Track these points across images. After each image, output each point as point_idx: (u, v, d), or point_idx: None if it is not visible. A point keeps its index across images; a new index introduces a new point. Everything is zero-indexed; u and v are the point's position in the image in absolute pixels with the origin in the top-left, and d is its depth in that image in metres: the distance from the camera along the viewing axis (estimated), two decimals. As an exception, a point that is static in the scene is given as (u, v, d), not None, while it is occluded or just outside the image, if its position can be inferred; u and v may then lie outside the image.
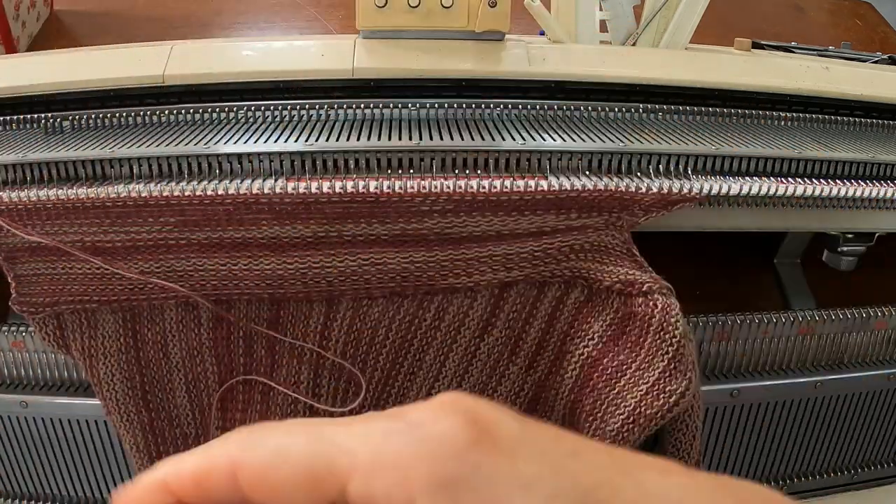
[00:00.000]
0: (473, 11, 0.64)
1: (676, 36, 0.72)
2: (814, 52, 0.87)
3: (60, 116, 0.62)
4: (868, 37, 1.23)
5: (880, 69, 0.78)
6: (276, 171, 0.55)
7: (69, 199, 0.51)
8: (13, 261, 0.55)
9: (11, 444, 0.65)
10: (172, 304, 0.57)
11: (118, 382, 0.58)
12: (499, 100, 0.65)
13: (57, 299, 0.56)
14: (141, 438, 0.60)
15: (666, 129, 0.63)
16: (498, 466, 0.18)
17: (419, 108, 0.64)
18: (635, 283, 0.53)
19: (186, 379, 0.59)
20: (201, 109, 0.62)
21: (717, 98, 0.69)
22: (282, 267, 0.55)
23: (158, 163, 0.54)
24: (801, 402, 0.71)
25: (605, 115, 0.65)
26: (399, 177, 0.53)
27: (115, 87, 0.63)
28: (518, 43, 0.67)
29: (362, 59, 0.64)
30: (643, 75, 0.67)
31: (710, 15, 0.73)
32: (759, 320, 0.68)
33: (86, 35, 1.14)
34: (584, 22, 0.72)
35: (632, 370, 0.53)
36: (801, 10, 1.27)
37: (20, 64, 0.67)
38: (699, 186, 0.55)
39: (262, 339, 0.59)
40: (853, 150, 0.62)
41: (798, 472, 0.75)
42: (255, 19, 1.13)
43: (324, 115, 0.63)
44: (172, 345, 0.58)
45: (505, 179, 0.53)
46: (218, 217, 0.52)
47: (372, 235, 0.54)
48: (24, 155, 0.54)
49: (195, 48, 0.66)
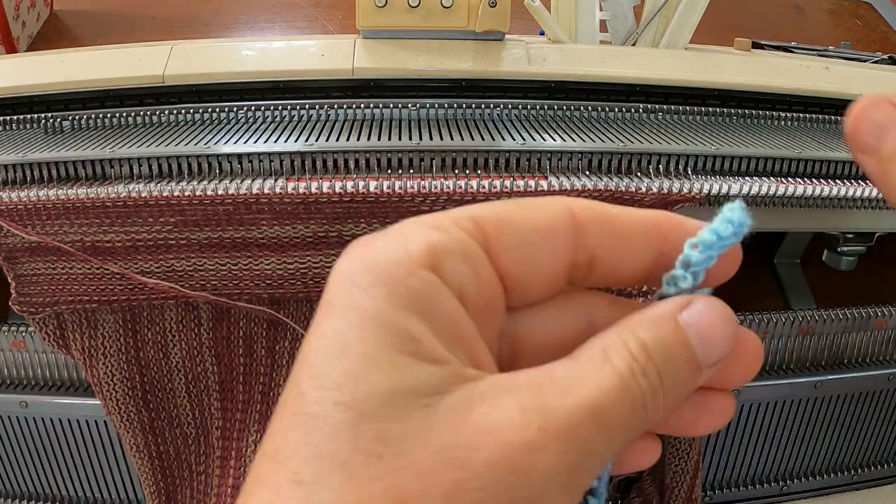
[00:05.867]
0: (473, 11, 0.64)
1: (676, 36, 0.72)
2: (814, 52, 0.87)
3: (60, 116, 0.62)
4: (868, 37, 1.23)
5: (880, 69, 0.78)
6: (276, 171, 0.55)
7: (69, 199, 0.51)
8: (13, 261, 0.55)
9: (11, 444, 0.65)
10: (172, 304, 0.57)
11: (118, 382, 0.58)
12: (499, 100, 0.65)
13: (57, 299, 0.56)
14: (141, 438, 0.60)
15: (666, 129, 0.63)
16: None
17: (419, 108, 0.64)
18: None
19: (186, 379, 0.59)
20: (201, 109, 0.62)
21: (716, 98, 0.69)
22: (282, 267, 0.55)
23: (158, 163, 0.54)
24: (801, 402, 0.71)
25: (605, 115, 0.65)
26: (399, 177, 0.53)
27: (115, 87, 0.63)
28: (518, 43, 0.67)
29: (362, 59, 0.64)
30: (643, 75, 0.67)
31: (710, 15, 0.73)
32: (759, 320, 0.68)
33: (86, 35, 1.14)
34: (584, 22, 0.72)
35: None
36: (801, 10, 1.27)
37: (20, 64, 0.67)
38: (699, 186, 0.55)
39: (262, 340, 0.59)
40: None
41: (798, 472, 0.75)
42: (255, 19, 1.13)
43: (324, 115, 0.63)
44: (172, 345, 0.58)
45: (505, 179, 0.53)
46: (218, 217, 0.52)
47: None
48: (24, 155, 0.54)
49: (195, 48, 0.66)
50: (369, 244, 0.18)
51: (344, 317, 0.17)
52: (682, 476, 0.64)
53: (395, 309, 0.17)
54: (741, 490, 0.73)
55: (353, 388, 0.16)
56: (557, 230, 0.19)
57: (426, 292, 0.17)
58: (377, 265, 0.17)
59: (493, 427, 0.16)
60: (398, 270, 0.17)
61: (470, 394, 0.17)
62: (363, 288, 0.17)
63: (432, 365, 0.17)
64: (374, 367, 0.16)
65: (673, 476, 0.64)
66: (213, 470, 0.61)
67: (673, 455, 0.63)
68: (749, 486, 0.74)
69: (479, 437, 0.16)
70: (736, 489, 0.73)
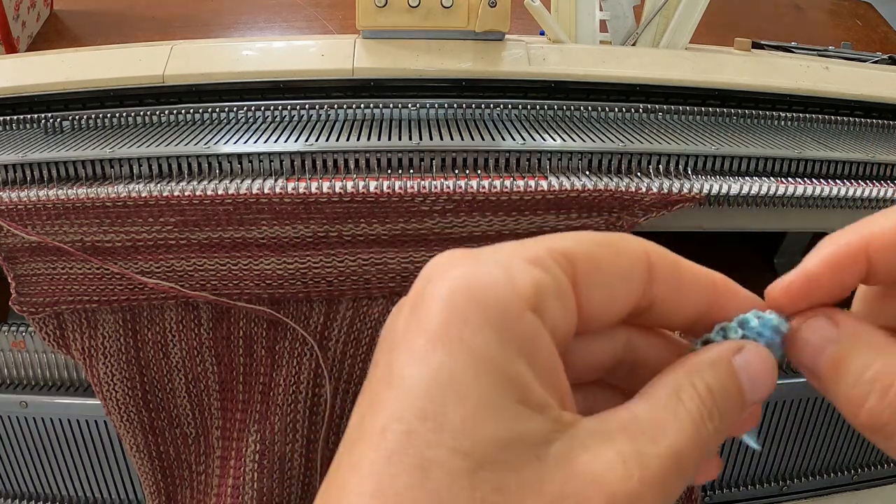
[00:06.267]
0: (473, 11, 0.64)
1: (676, 36, 0.72)
2: (814, 52, 0.87)
3: (60, 116, 0.62)
4: (868, 37, 1.23)
5: (880, 69, 0.78)
6: (275, 171, 0.55)
7: (69, 199, 0.51)
8: (13, 261, 0.55)
9: (11, 444, 0.65)
10: (172, 304, 0.57)
11: (118, 382, 0.58)
12: (499, 100, 0.65)
13: (57, 299, 0.56)
14: (141, 438, 0.60)
15: (666, 129, 0.63)
16: None
17: (419, 108, 0.64)
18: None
19: (186, 379, 0.59)
20: (201, 109, 0.62)
21: (717, 98, 0.69)
22: (282, 267, 0.55)
23: (158, 163, 0.54)
24: (801, 401, 0.71)
25: (605, 115, 0.65)
26: (399, 177, 0.53)
27: (115, 87, 0.63)
28: (518, 43, 0.67)
29: (362, 59, 0.64)
30: (643, 75, 0.67)
31: (710, 15, 0.73)
32: (759, 320, 0.68)
33: (86, 35, 1.14)
34: (584, 22, 0.72)
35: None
36: (801, 10, 1.27)
37: (20, 64, 0.67)
38: (699, 186, 0.55)
39: (262, 340, 0.58)
40: (853, 150, 0.62)
41: (798, 472, 0.75)
42: (255, 19, 1.13)
43: (324, 115, 0.63)
44: (172, 345, 0.58)
45: (505, 179, 0.53)
46: (218, 217, 0.52)
47: (372, 235, 0.54)
48: (24, 155, 0.54)
49: (195, 48, 0.66)
50: (472, 269, 0.18)
51: (456, 356, 0.17)
52: (682, 476, 0.64)
53: (506, 353, 0.17)
54: (741, 490, 0.73)
55: (472, 436, 0.16)
56: (636, 276, 0.20)
57: (532, 337, 0.18)
58: (488, 302, 0.17)
59: (599, 477, 0.17)
60: (509, 312, 0.17)
61: (573, 443, 0.17)
62: (476, 327, 0.17)
63: (540, 413, 0.17)
64: (492, 415, 0.16)
65: (673, 476, 0.64)
66: (213, 470, 0.61)
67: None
68: (749, 486, 0.74)
69: (586, 487, 0.16)
70: (736, 489, 0.73)
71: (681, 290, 0.21)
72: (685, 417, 0.18)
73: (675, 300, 0.21)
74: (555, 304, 0.18)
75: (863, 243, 0.21)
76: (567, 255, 0.19)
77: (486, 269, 0.18)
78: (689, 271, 0.21)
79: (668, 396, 0.19)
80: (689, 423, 0.18)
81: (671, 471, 0.18)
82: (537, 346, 0.18)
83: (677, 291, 0.21)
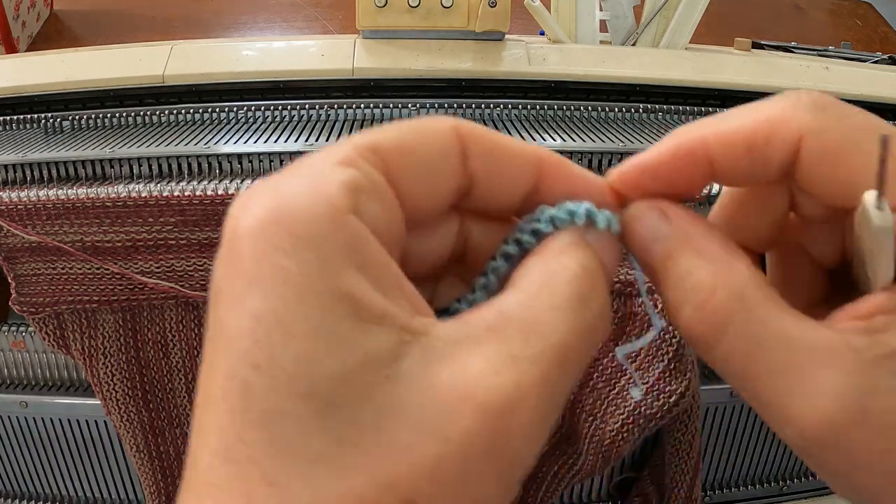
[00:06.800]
0: (473, 11, 0.64)
1: (676, 36, 0.72)
2: (814, 52, 0.87)
3: (60, 116, 0.62)
4: (868, 37, 1.23)
5: (880, 69, 0.78)
6: (276, 170, 0.55)
7: (69, 199, 0.51)
8: (13, 261, 0.55)
9: (11, 444, 0.65)
10: (172, 304, 0.57)
11: (118, 382, 0.58)
12: (499, 100, 0.65)
13: (57, 299, 0.56)
14: (141, 438, 0.60)
15: (666, 129, 0.63)
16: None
17: (419, 108, 0.64)
18: (635, 283, 0.53)
19: (186, 379, 0.59)
20: (201, 109, 0.62)
21: (717, 98, 0.69)
22: (282, 267, 0.55)
23: (158, 163, 0.54)
24: (801, 402, 0.71)
25: (605, 115, 0.65)
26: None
27: (115, 87, 0.63)
28: (518, 43, 0.67)
29: (362, 59, 0.64)
30: (643, 75, 0.67)
31: (710, 15, 0.73)
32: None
33: (86, 35, 1.14)
34: (584, 22, 0.72)
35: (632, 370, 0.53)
36: (801, 10, 1.27)
37: (20, 64, 0.67)
38: (699, 186, 0.55)
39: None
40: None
41: (798, 472, 0.75)
42: (255, 19, 1.13)
43: (324, 115, 0.63)
44: (172, 345, 0.58)
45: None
46: (218, 217, 0.52)
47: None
48: (24, 155, 0.54)
49: (195, 48, 0.66)
50: (274, 192, 0.16)
51: (276, 290, 0.15)
52: (682, 476, 0.64)
53: (329, 269, 0.15)
54: (741, 490, 0.73)
55: (309, 375, 0.14)
56: (448, 153, 0.18)
57: (355, 241, 0.16)
58: (296, 220, 0.15)
59: (468, 390, 0.15)
60: (322, 223, 0.15)
61: (428, 354, 0.15)
62: (289, 253, 0.15)
63: (379, 324, 0.15)
64: (326, 344, 0.15)
65: (673, 476, 0.64)
66: (213, 470, 0.61)
67: (673, 455, 0.63)
68: (749, 486, 0.74)
69: (454, 403, 0.15)
70: (736, 489, 0.73)
71: (500, 164, 0.19)
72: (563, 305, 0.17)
73: (497, 175, 0.19)
74: (372, 201, 0.17)
75: (702, 139, 0.20)
76: (374, 149, 0.17)
77: (288, 187, 0.16)
78: (508, 144, 0.19)
79: (539, 290, 0.17)
80: (569, 312, 0.16)
81: (553, 372, 0.16)
82: (364, 249, 0.16)
83: (497, 166, 0.19)
